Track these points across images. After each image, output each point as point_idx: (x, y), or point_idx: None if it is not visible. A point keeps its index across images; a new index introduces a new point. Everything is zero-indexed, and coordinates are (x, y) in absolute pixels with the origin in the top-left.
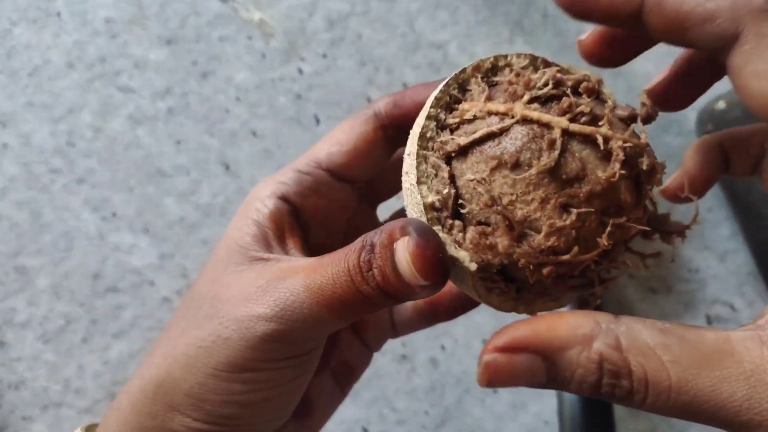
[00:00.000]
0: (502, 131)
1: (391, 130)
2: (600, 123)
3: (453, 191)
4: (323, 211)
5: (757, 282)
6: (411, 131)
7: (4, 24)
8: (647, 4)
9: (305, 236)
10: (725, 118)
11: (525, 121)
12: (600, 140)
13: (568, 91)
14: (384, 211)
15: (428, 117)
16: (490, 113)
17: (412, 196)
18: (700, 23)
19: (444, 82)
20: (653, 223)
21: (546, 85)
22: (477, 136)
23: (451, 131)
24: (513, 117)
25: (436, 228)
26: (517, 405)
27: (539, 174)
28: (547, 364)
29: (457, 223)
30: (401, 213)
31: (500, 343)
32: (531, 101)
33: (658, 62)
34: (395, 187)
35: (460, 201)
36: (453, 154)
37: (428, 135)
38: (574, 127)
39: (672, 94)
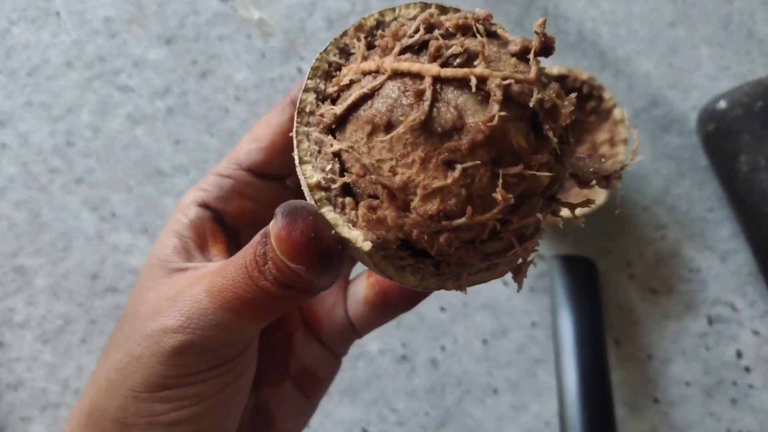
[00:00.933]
0: (374, 91)
1: None
2: (475, 63)
3: (338, 166)
4: (251, 213)
5: (759, 282)
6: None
7: (3, 23)
8: None
9: (236, 241)
10: (726, 118)
11: (396, 75)
12: (473, 82)
13: (437, 33)
14: None
15: (306, 89)
16: (364, 74)
17: (300, 179)
18: None
19: (323, 50)
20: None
21: (417, 31)
22: (350, 101)
23: (333, 102)
24: (384, 73)
25: (327, 209)
26: (517, 405)
27: (412, 131)
28: None
29: (348, 200)
30: None
31: None
32: (403, 52)
33: (659, 62)
34: None
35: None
36: (333, 126)
37: (308, 109)
38: (446, 71)
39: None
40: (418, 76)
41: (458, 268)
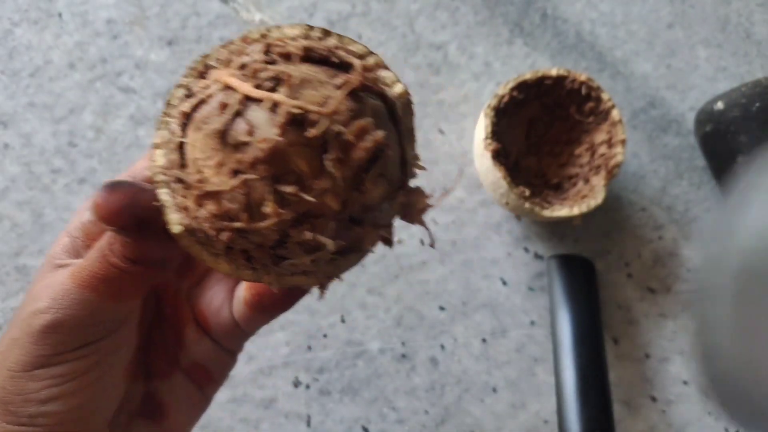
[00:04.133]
0: (208, 97)
1: None
2: (280, 88)
3: (178, 156)
4: None
5: None
6: None
7: (6, 24)
8: None
9: None
10: (723, 119)
11: (225, 87)
12: (267, 105)
13: (257, 57)
14: None
15: (179, 86)
16: (215, 81)
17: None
18: None
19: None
20: (404, 202)
21: (256, 53)
22: (194, 102)
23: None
24: (219, 83)
25: (163, 191)
26: (516, 404)
27: (214, 138)
28: None
29: (179, 187)
30: None
31: None
32: (242, 68)
33: (657, 63)
34: None
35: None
36: (185, 121)
37: (174, 103)
38: (254, 92)
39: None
40: (236, 91)
41: (266, 267)
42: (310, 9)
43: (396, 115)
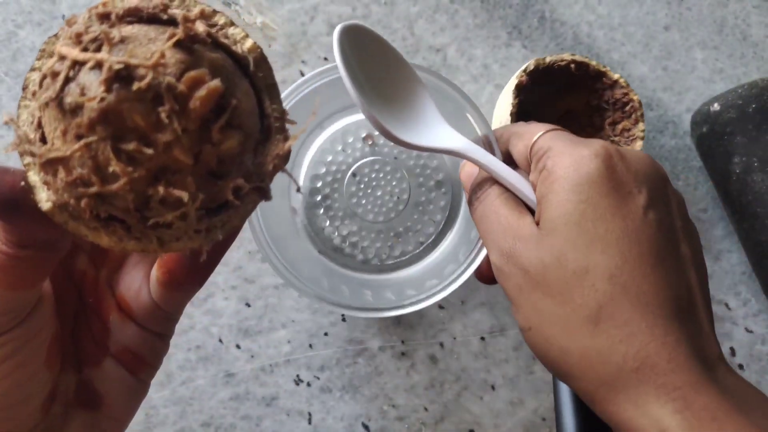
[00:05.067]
0: (48, 71)
1: None
2: (104, 48)
3: (38, 135)
4: None
5: (752, 281)
6: None
7: (9, 26)
8: None
9: None
10: (719, 120)
11: (61, 57)
12: (92, 65)
13: (82, 22)
14: None
15: (32, 69)
16: (54, 56)
17: None
18: None
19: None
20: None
21: (81, 19)
22: (37, 79)
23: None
24: (56, 56)
25: (32, 172)
26: (514, 401)
27: (54, 108)
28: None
29: (38, 161)
30: None
31: None
32: (70, 37)
33: (654, 65)
34: None
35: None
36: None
37: (30, 87)
38: (79, 55)
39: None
40: (66, 58)
41: (147, 234)
42: (311, 12)
43: (248, 70)
